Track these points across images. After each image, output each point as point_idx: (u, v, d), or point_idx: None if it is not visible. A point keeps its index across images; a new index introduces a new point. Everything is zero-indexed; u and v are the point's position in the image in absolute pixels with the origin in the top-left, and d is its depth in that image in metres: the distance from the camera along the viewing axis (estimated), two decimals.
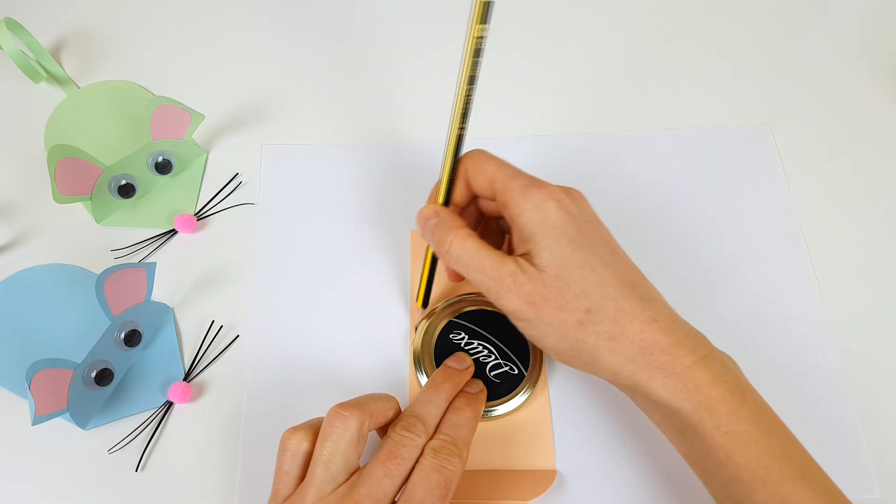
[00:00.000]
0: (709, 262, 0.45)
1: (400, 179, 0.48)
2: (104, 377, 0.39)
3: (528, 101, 0.51)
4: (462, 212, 0.38)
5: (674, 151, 0.48)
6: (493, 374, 0.40)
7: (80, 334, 0.43)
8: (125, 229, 0.46)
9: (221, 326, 0.43)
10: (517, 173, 0.35)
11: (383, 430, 0.36)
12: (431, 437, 0.34)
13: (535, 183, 0.34)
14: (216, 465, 0.39)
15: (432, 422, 0.35)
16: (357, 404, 0.33)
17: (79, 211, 0.47)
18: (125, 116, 0.51)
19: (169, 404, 0.41)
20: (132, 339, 0.41)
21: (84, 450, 0.40)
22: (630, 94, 0.51)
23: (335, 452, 0.32)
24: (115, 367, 0.40)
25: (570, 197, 0.34)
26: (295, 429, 0.34)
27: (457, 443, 0.34)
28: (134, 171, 0.46)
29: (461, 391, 0.38)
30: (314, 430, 0.34)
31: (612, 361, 0.32)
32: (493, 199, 0.35)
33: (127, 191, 0.46)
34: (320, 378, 0.41)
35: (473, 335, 0.41)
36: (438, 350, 0.41)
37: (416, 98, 0.51)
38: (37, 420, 0.37)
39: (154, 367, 0.42)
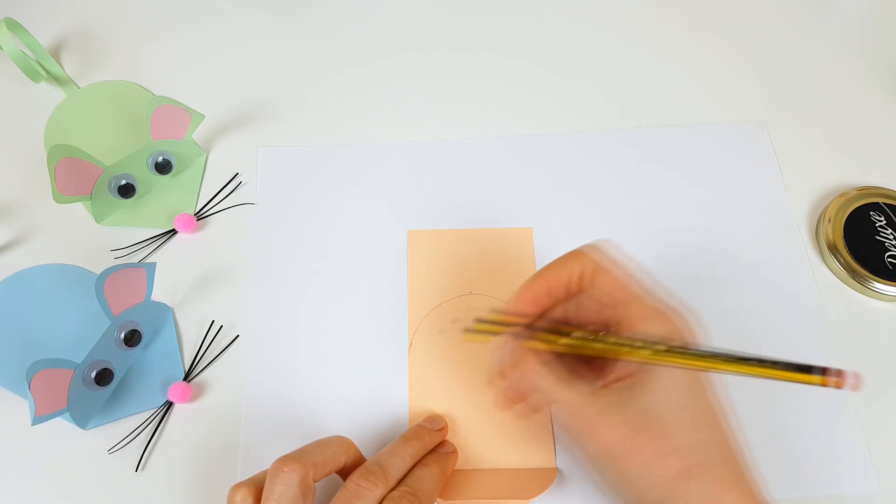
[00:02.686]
0: (704, 258, 0.44)
1: (398, 179, 0.48)
2: (104, 377, 0.39)
3: (524, 100, 0.51)
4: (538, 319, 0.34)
5: (669, 147, 0.48)
6: None
7: (80, 334, 0.43)
8: (125, 229, 0.46)
9: (221, 326, 0.43)
10: (647, 291, 0.32)
11: (345, 473, 0.35)
12: (393, 489, 0.33)
13: (667, 310, 0.31)
14: (216, 465, 0.39)
15: (395, 473, 0.34)
16: (299, 457, 0.32)
17: (79, 211, 0.47)
18: (125, 116, 0.51)
19: (169, 404, 0.41)
20: (132, 339, 0.41)
21: (84, 450, 0.40)
22: (625, 91, 0.51)
23: None
24: (115, 367, 0.40)
25: (694, 331, 0.31)
26: (239, 485, 0.33)
27: (419, 496, 0.33)
28: (134, 171, 0.46)
29: (432, 450, 0.37)
30: (258, 485, 0.33)
31: None
32: (611, 308, 0.32)
33: (127, 191, 0.46)
34: (320, 377, 0.41)
35: None
36: None
37: (414, 98, 0.51)
38: (37, 420, 0.37)
39: (154, 367, 0.42)
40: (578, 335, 0.33)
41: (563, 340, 0.33)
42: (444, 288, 0.43)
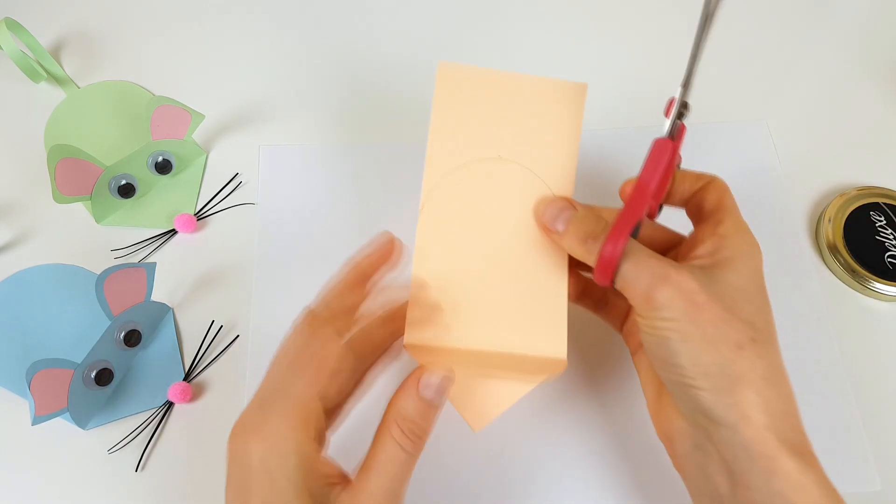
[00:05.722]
0: None
1: (398, 178, 0.48)
2: (104, 377, 0.40)
3: None
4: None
5: None
6: None
7: (80, 334, 0.43)
8: (125, 229, 0.46)
9: (221, 326, 0.43)
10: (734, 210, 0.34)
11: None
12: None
13: (750, 235, 0.33)
14: (216, 465, 0.39)
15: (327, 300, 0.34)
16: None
17: (79, 211, 0.47)
18: (125, 116, 0.51)
19: (169, 404, 0.41)
20: (132, 339, 0.41)
21: (84, 450, 0.40)
22: (626, 90, 0.51)
23: None
24: (115, 367, 0.40)
25: None
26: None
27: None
28: (134, 171, 0.46)
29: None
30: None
31: (755, 403, 0.28)
32: (700, 204, 0.35)
33: (127, 191, 0.46)
34: None
35: None
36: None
37: (413, 97, 0.51)
38: (37, 420, 0.37)
39: (154, 367, 0.42)
40: None
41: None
42: (470, 142, 0.36)
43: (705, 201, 0.35)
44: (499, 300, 0.34)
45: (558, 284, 0.35)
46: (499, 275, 0.35)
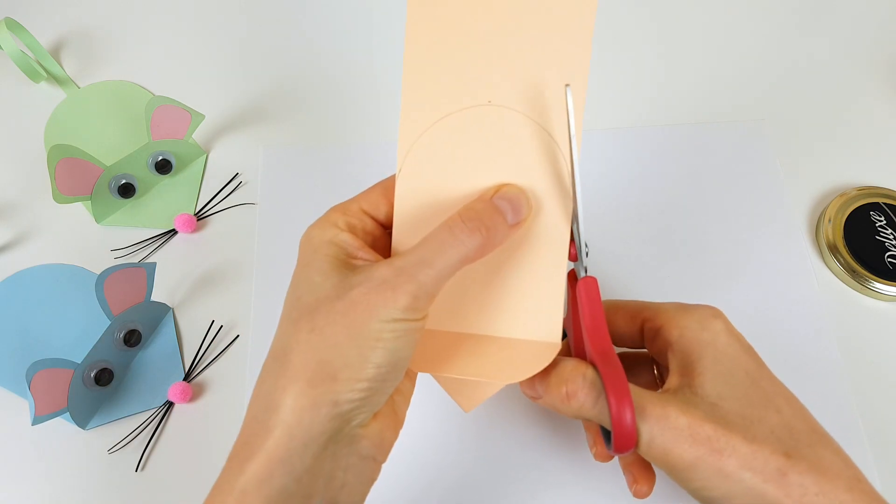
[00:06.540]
0: (703, 258, 0.45)
1: None
2: (104, 377, 0.40)
3: None
4: None
5: (668, 147, 0.48)
6: None
7: (80, 334, 0.43)
8: (125, 229, 0.46)
9: (221, 326, 0.43)
10: (663, 302, 0.31)
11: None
12: None
13: (688, 304, 0.30)
14: (216, 465, 0.39)
15: (428, 284, 0.28)
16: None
17: (79, 211, 0.47)
18: (125, 116, 0.51)
19: (169, 404, 0.41)
20: (132, 339, 0.41)
21: (84, 450, 0.40)
22: (624, 91, 0.51)
23: None
24: (115, 367, 0.40)
25: (727, 319, 0.29)
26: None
27: None
28: (134, 171, 0.46)
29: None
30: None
31: None
32: (637, 335, 0.32)
33: (127, 191, 0.46)
34: None
35: None
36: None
37: None
38: (37, 420, 0.37)
39: (154, 367, 0.42)
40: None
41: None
42: (453, 81, 0.29)
43: (618, 325, 0.32)
44: (491, 283, 0.31)
45: (557, 263, 0.30)
46: (490, 258, 0.30)
